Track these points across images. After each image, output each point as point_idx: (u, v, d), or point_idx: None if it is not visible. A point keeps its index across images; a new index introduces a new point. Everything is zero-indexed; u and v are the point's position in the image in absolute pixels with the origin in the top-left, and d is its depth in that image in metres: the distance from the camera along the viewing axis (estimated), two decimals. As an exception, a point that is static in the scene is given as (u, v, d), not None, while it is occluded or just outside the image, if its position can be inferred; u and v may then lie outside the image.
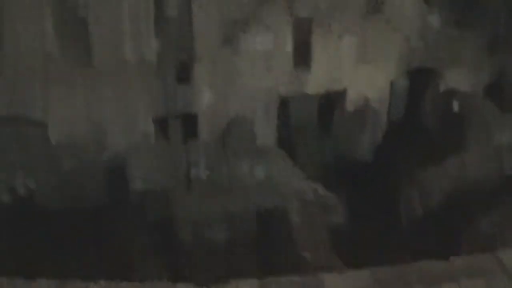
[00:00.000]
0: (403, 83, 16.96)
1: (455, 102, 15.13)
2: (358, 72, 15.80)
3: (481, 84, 16.35)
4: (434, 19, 15.99)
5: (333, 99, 16.60)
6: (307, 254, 12.72)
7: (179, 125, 16.36)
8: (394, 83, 16.51)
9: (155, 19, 15.18)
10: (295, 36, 15.27)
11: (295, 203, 13.59)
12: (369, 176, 15.45)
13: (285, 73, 15.57)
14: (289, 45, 15.29)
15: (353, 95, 16.10)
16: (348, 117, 16.30)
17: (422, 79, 16.84)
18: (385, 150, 16.06)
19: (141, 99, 15.25)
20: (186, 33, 15.51)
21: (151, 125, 15.57)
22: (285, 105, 16.48)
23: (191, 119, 15.88)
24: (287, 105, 16.67)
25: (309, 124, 17.36)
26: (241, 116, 15.63)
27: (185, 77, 15.42)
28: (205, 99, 15.52)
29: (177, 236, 13.30)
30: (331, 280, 9.10)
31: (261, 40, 15.20)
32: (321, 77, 15.76)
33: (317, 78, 15.77)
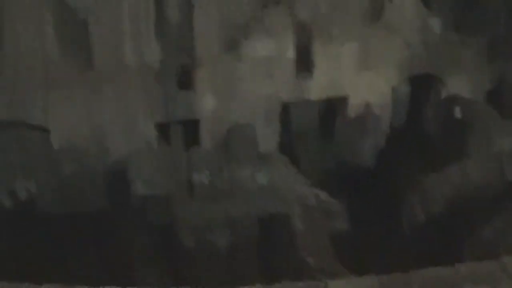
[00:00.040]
0: (405, 89, 17.02)
1: (457, 108, 15.12)
2: (359, 78, 15.83)
3: (482, 90, 16.39)
4: (435, 25, 16.05)
5: (335, 105, 16.61)
6: (310, 260, 12.71)
7: (180, 130, 16.37)
8: (395, 89, 16.54)
9: (156, 24, 15.22)
10: (297, 42, 15.33)
11: (297, 208, 13.57)
12: (371, 182, 15.43)
13: (286, 79, 15.61)
14: (290, 51, 15.35)
15: (355, 101, 16.12)
16: (350, 123, 16.30)
17: (423, 85, 16.88)
18: (387, 156, 16.05)
19: (142, 104, 15.25)
20: (188, 38, 15.53)
21: (152, 130, 15.57)
22: (286, 111, 16.48)
23: (193, 125, 15.89)
24: (288, 111, 16.67)
25: (311, 130, 17.34)
26: (242, 121, 15.63)
27: (186, 82, 15.43)
28: (207, 104, 15.54)
29: (179, 242, 13.26)
30: (336, 286, 9.05)
31: (263, 46, 15.24)
32: (322, 83, 15.81)
33: (319, 84, 15.82)
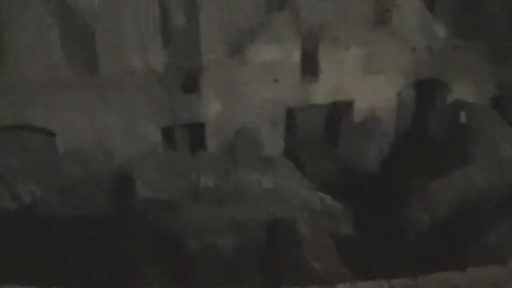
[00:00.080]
0: (410, 94, 17.08)
1: (462, 113, 15.13)
2: (365, 83, 15.87)
3: (487, 95, 16.45)
4: (440, 30, 16.10)
5: (340, 110, 16.65)
6: (315, 264, 12.69)
7: (185, 134, 16.37)
8: (401, 94, 16.58)
9: (162, 28, 15.23)
10: (303, 47, 15.35)
11: (302, 213, 13.55)
12: (375, 186, 15.41)
13: (292, 83, 15.64)
14: (296, 56, 15.38)
15: (360, 105, 16.17)
16: (355, 128, 16.34)
17: (428, 90, 16.91)
18: (392, 160, 16.06)
19: (147, 107, 15.22)
20: (193, 42, 15.55)
21: (158, 134, 15.57)
22: (292, 115, 16.50)
23: (198, 129, 15.90)
24: (294, 115, 16.69)
25: (316, 135, 17.40)
26: (248, 125, 15.66)
27: (191, 86, 15.43)
28: (212, 108, 15.54)
29: (184, 245, 13.21)
30: (344, 290, 9.06)
31: (268, 50, 15.25)
32: (328, 87, 15.84)
33: (324, 88, 15.85)
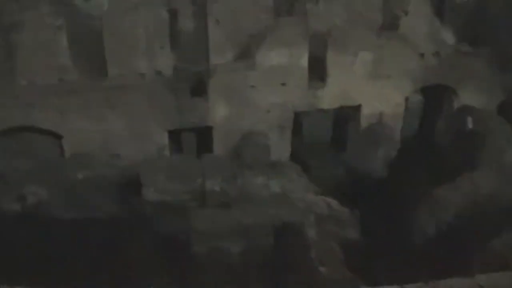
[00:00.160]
0: (418, 99, 17.09)
1: (469, 119, 15.10)
2: (372, 88, 15.90)
3: (494, 101, 16.44)
4: (448, 36, 16.14)
5: (348, 115, 16.67)
6: (322, 269, 12.62)
7: (193, 137, 16.41)
8: (408, 99, 16.59)
9: (171, 32, 15.29)
10: (311, 52, 15.39)
11: (309, 217, 13.49)
12: (382, 191, 15.35)
13: (300, 88, 15.68)
14: (304, 60, 15.43)
15: (368, 110, 16.20)
16: (362, 133, 16.34)
17: (436, 95, 16.92)
18: (398, 166, 16.02)
19: (155, 111, 15.26)
20: (201, 46, 15.62)
21: (165, 137, 15.61)
22: (299, 119, 16.52)
23: (205, 132, 15.93)
24: (301, 120, 16.71)
25: (323, 139, 17.41)
26: (255, 130, 15.68)
27: (199, 90, 15.47)
28: (220, 112, 15.58)
29: (190, 248, 13.15)
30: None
31: (276, 55, 15.30)
32: (335, 92, 15.88)
33: (332, 93, 15.89)
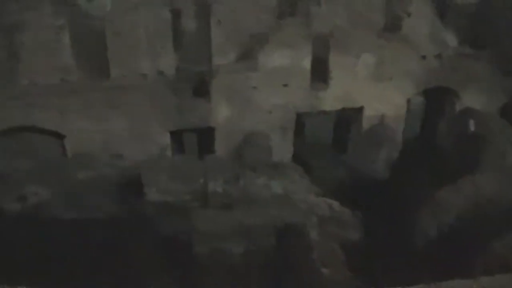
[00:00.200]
0: (420, 101, 17.12)
1: (471, 121, 15.10)
2: (375, 89, 15.92)
3: (496, 103, 16.46)
4: (451, 39, 16.15)
5: (350, 116, 16.68)
6: (324, 270, 12.61)
7: (195, 138, 16.41)
8: (410, 101, 16.60)
9: (173, 33, 15.27)
10: (313, 53, 15.40)
11: (311, 218, 13.48)
12: (383, 193, 15.33)
13: (302, 89, 15.68)
14: (307, 62, 15.43)
15: (370, 112, 16.22)
16: (364, 134, 16.35)
17: (438, 97, 16.93)
18: (400, 168, 16.02)
19: (157, 111, 15.26)
20: (204, 47, 15.60)
21: (167, 138, 15.60)
22: (301, 121, 16.52)
23: (207, 133, 15.93)
24: (303, 121, 16.71)
25: (325, 141, 17.43)
26: (257, 131, 15.68)
27: (201, 91, 15.47)
28: (222, 113, 15.58)
29: (192, 249, 13.13)
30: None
31: (279, 56, 15.31)
32: (338, 94, 15.88)
33: (334, 94, 15.90)
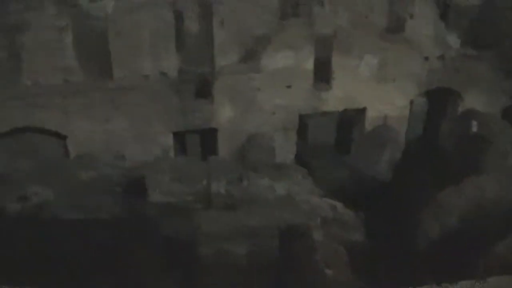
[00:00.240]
0: (422, 102, 17.12)
1: (474, 122, 15.12)
2: (377, 91, 15.94)
3: (499, 105, 16.49)
4: (454, 40, 16.17)
5: (352, 117, 16.70)
6: (328, 271, 12.58)
7: (198, 139, 16.40)
8: (413, 103, 16.62)
9: (176, 34, 15.27)
10: (316, 54, 15.41)
11: (315, 220, 13.46)
12: (386, 194, 15.34)
13: (305, 90, 15.70)
14: (310, 63, 15.45)
15: (372, 113, 16.24)
16: (367, 136, 16.37)
17: (441, 99, 16.94)
18: (403, 169, 16.02)
19: (159, 112, 15.26)
20: (207, 48, 15.63)
21: (170, 139, 15.60)
22: (304, 122, 16.51)
23: (210, 134, 15.92)
24: (306, 122, 16.70)
25: (328, 142, 17.42)
26: (260, 132, 15.68)
27: (204, 92, 15.48)
28: (225, 114, 15.58)
29: (195, 251, 13.12)
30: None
31: (281, 57, 15.33)
32: (340, 95, 15.91)
33: (337, 96, 15.92)
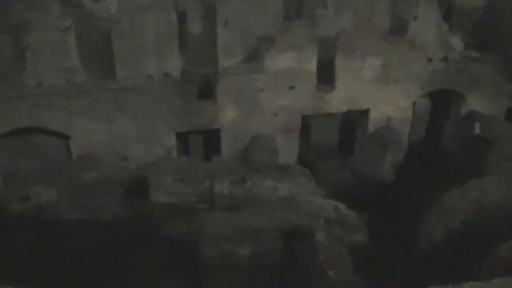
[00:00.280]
0: (425, 104, 17.15)
1: (477, 125, 15.14)
2: (380, 92, 15.95)
3: (501, 107, 16.51)
4: (456, 42, 16.19)
5: (355, 119, 16.71)
6: (330, 272, 12.60)
7: (201, 140, 16.43)
8: (416, 104, 16.64)
9: (179, 35, 15.28)
10: (319, 55, 15.43)
11: (317, 220, 13.48)
12: (389, 195, 15.36)
13: (308, 91, 15.70)
14: (313, 64, 15.45)
15: (376, 115, 16.25)
16: (370, 137, 16.38)
17: (444, 100, 16.96)
18: (406, 170, 16.04)
19: (163, 113, 15.25)
20: (210, 49, 15.62)
21: (173, 139, 15.61)
22: (307, 123, 16.53)
23: (213, 135, 15.95)
24: (309, 123, 16.73)
25: (331, 143, 17.45)
26: (263, 133, 15.69)
27: (207, 92, 15.49)
28: (228, 115, 15.58)
29: (199, 251, 13.13)
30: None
31: (285, 58, 15.33)
32: (343, 96, 15.92)
33: (340, 97, 15.93)
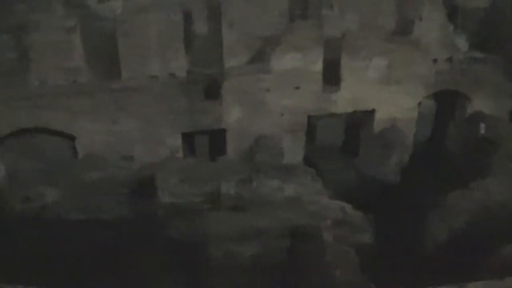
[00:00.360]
0: (430, 105, 17.16)
1: (481, 125, 15.17)
2: (385, 93, 15.95)
3: (505, 108, 16.53)
4: (461, 42, 16.21)
5: (361, 119, 16.72)
6: (337, 272, 12.60)
7: (206, 140, 16.44)
8: (421, 105, 16.65)
9: (185, 35, 15.27)
10: (325, 56, 15.43)
11: (323, 221, 13.48)
12: (394, 196, 15.38)
13: (313, 92, 15.70)
14: (318, 65, 15.45)
15: (381, 115, 16.25)
16: (375, 137, 16.39)
17: (449, 101, 16.97)
18: (411, 171, 16.07)
19: (168, 113, 15.25)
20: (215, 49, 15.63)
21: (178, 140, 15.61)
22: (312, 123, 16.54)
23: (219, 135, 15.96)
24: (314, 123, 16.74)
25: (336, 143, 17.46)
26: (268, 133, 15.70)
27: (213, 93, 15.49)
28: (233, 115, 15.58)
29: (204, 251, 13.14)
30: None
31: (290, 59, 15.33)
32: (349, 97, 15.92)
33: (345, 98, 15.94)
